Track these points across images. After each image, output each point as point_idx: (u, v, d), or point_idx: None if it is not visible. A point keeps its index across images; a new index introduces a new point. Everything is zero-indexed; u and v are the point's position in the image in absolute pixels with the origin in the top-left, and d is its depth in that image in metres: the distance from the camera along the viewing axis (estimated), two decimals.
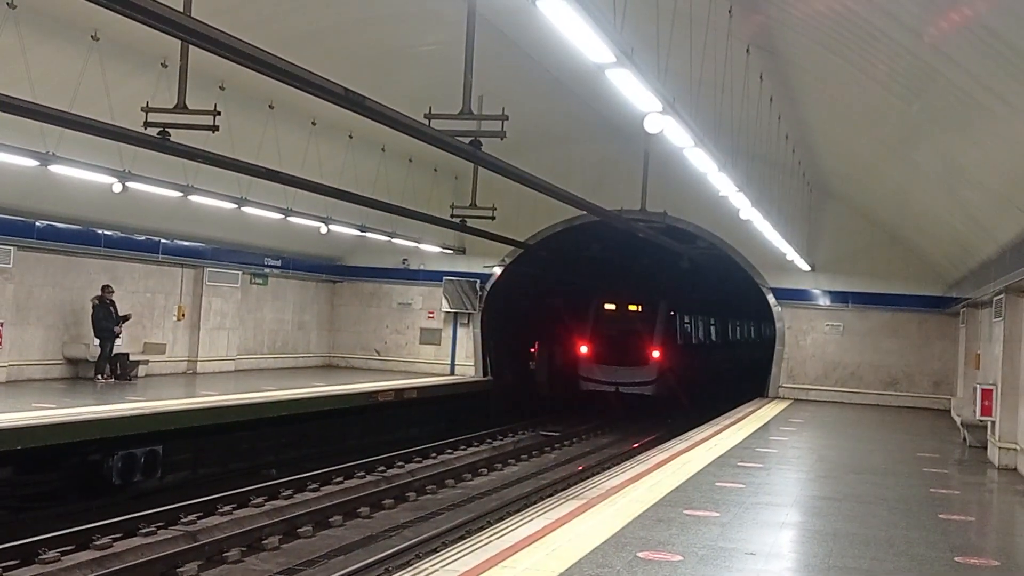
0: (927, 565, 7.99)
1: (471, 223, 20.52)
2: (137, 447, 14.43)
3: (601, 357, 29.10)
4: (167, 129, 11.85)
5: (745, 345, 41.18)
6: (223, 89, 15.46)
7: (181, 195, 16.31)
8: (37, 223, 17.49)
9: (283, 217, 19.03)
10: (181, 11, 7.44)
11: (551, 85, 18.27)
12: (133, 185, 15.18)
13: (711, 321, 36.26)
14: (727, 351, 38.56)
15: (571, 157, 24.21)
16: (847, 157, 19.76)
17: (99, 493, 14.00)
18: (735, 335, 40.75)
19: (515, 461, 20.68)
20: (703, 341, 35.00)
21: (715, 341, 36.98)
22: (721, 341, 37.86)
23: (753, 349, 38.27)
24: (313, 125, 18.67)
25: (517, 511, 12.54)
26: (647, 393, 28.99)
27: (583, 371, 29.41)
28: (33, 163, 13.40)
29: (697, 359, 33.14)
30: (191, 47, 11.03)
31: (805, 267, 23.87)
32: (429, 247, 24.96)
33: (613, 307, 29.90)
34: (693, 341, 33.35)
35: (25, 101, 10.23)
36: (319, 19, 15.15)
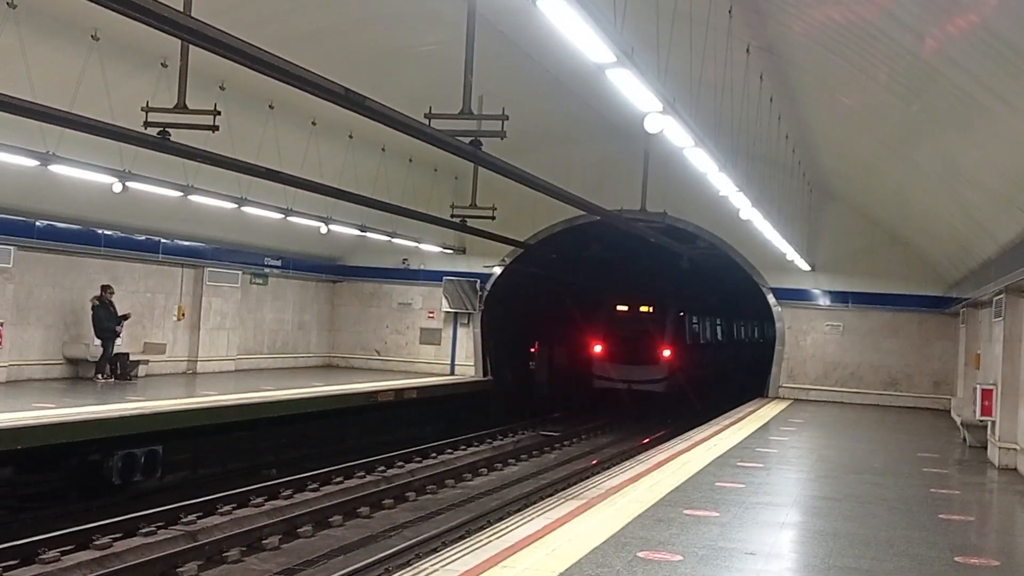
0: (927, 565, 7.99)
1: (471, 223, 20.52)
2: (137, 447, 14.42)
3: (614, 357, 29.84)
4: (167, 129, 11.87)
5: (749, 345, 41.50)
6: (223, 89, 15.47)
7: (181, 195, 16.31)
8: (37, 223, 17.49)
9: (283, 217, 19.02)
10: (181, 11, 7.44)
11: (551, 85, 18.27)
12: (133, 185, 15.18)
13: (717, 321, 36.97)
14: (732, 350, 39.13)
15: (571, 157, 24.19)
16: (847, 157, 19.75)
17: (99, 493, 13.99)
18: (740, 335, 41.38)
19: (515, 461, 20.68)
20: (710, 341, 35.68)
21: (721, 341, 37.68)
22: (726, 341, 38.59)
23: (757, 349, 38.49)
24: (313, 125, 18.67)
25: (517, 511, 12.53)
26: (658, 391, 29.66)
27: (596, 370, 30.12)
28: (33, 163, 13.40)
29: (704, 358, 33.87)
30: (191, 47, 11.04)
31: (805, 267, 23.86)
32: (429, 247, 24.95)
33: (625, 308, 30.75)
34: (700, 341, 34.04)
35: (25, 101, 10.24)
36: (319, 19, 15.15)
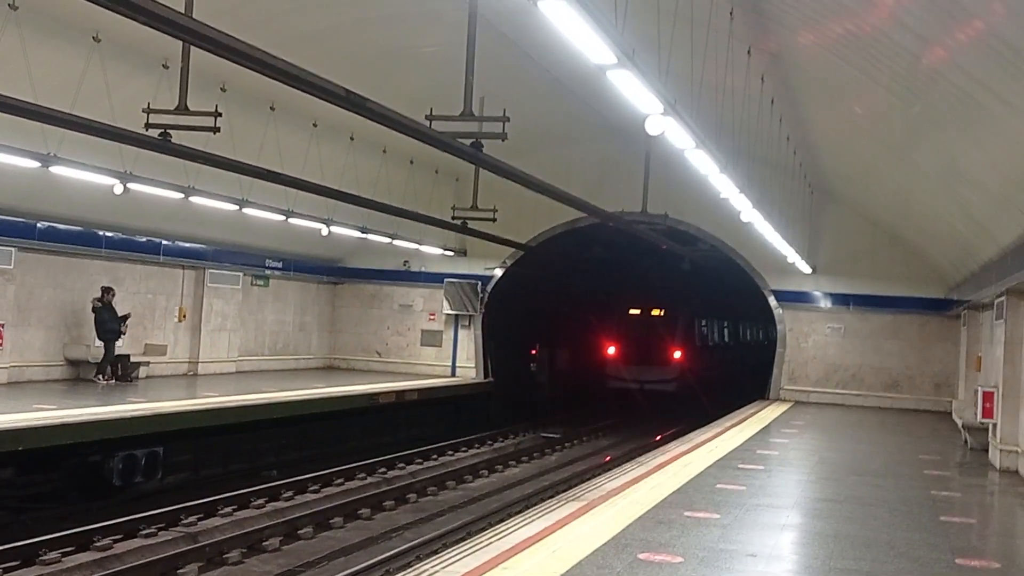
0: (928, 567, 7.98)
1: (472, 225, 20.53)
2: (138, 448, 14.42)
3: (627, 358, 30.99)
4: (168, 130, 11.88)
5: (754, 346, 41.96)
6: (224, 90, 15.48)
7: (182, 196, 16.30)
8: (38, 224, 17.50)
9: (284, 219, 19.01)
10: (182, 12, 7.45)
11: (552, 86, 18.27)
12: (134, 186, 15.17)
13: (724, 324, 37.98)
14: (738, 352, 40.00)
15: (572, 158, 24.19)
16: (848, 159, 19.74)
17: (100, 494, 13.99)
18: (745, 336, 42.27)
19: (516, 463, 20.67)
20: (717, 343, 36.73)
21: (727, 343, 38.68)
22: (733, 343, 39.62)
23: (761, 350, 38.98)
24: (314, 126, 18.67)
25: (518, 512, 12.53)
26: (669, 390, 30.62)
27: (610, 370, 31.25)
28: (34, 164, 13.39)
29: (712, 359, 34.82)
30: (192, 48, 11.05)
31: (806, 269, 23.85)
32: (430, 249, 24.94)
33: (638, 312, 31.99)
34: (709, 343, 35.13)
35: (26, 102, 10.26)
36: (320, 20, 15.16)
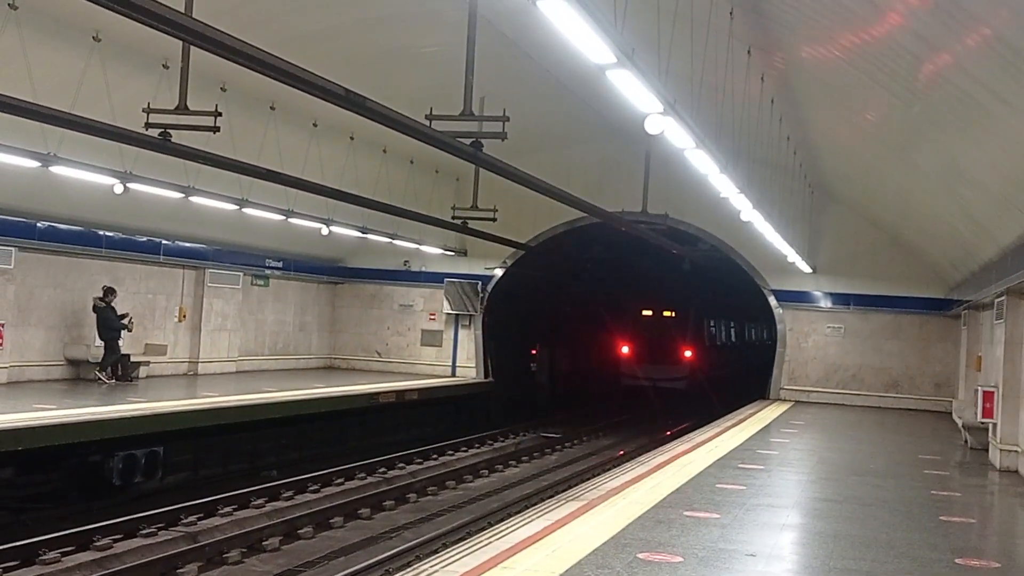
0: (928, 567, 7.98)
1: (472, 225, 20.53)
2: (138, 448, 14.41)
3: (640, 357, 32.59)
4: (168, 130, 11.88)
5: (759, 346, 42.45)
6: (224, 90, 15.47)
7: (182, 196, 16.30)
8: (38, 224, 17.49)
9: (284, 218, 19.01)
10: (182, 12, 7.45)
11: (552, 86, 18.27)
12: (134, 186, 15.17)
13: (730, 324, 39.37)
14: (744, 351, 40.95)
15: (572, 158, 24.19)
16: (848, 159, 19.74)
17: (99, 494, 13.98)
18: (751, 336, 43.23)
19: (516, 463, 20.67)
20: (725, 342, 38.34)
21: (734, 342, 40.11)
22: (739, 342, 40.97)
23: (766, 350, 39.66)
24: (314, 126, 18.67)
25: (517, 512, 12.52)
26: (680, 388, 32.16)
27: (624, 369, 32.94)
28: (34, 164, 13.39)
29: (720, 359, 36.26)
30: (192, 48, 11.05)
31: (806, 269, 23.85)
32: (430, 249, 24.93)
33: (650, 313, 33.68)
34: (717, 343, 36.78)
35: (26, 102, 10.26)
36: (320, 20, 15.16)
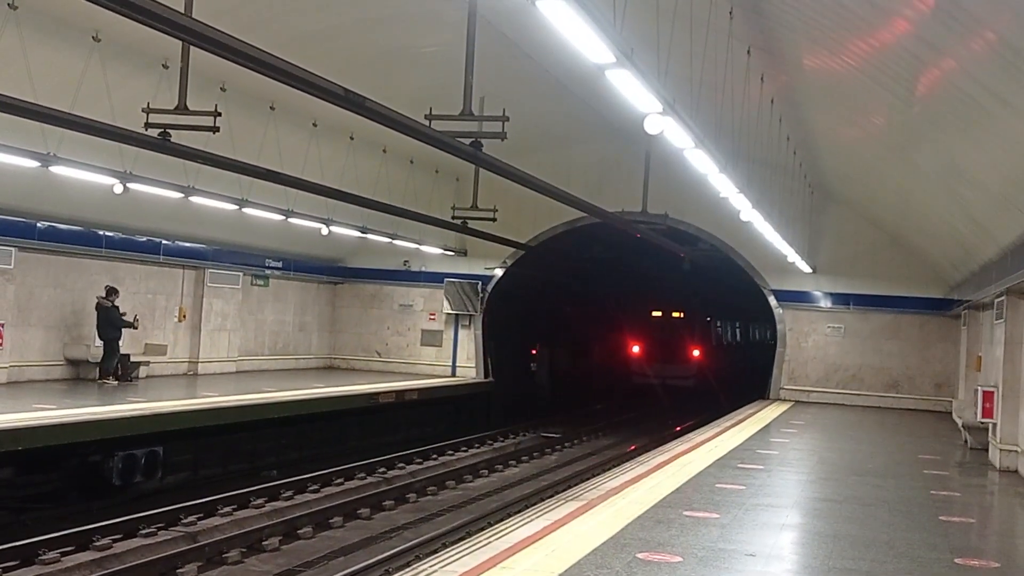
0: (927, 567, 7.98)
1: (472, 224, 20.52)
2: (137, 448, 14.41)
3: (650, 356, 34.26)
4: (168, 130, 11.88)
5: (763, 345, 42.76)
6: (224, 90, 15.47)
7: (182, 196, 16.30)
8: (38, 224, 17.49)
9: (284, 218, 19.01)
10: (182, 12, 7.45)
11: (552, 86, 18.27)
12: (134, 186, 15.17)
13: (735, 324, 40.82)
14: (748, 351, 41.75)
15: (572, 158, 24.18)
16: (848, 159, 19.75)
17: (99, 494, 13.98)
18: (755, 336, 44.01)
19: (515, 462, 20.67)
20: (730, 342, 39.97)
21: (739, 342, 41.52)
22: (743, 342, 42.30)
23: (769, 349, 40.20)
24: (314, 126, 18.67)
25: (517, 512, 12.52)
26: (688, 385, 33.77)
27: (634, 368, 34.61)
28: (34, 164, 13.39)
29: (726, 357, 37.64)
30: (192, 48, 11.05)
31: (806, 269, 23.85)
32: (430, 249, 24.93)
33: (660, 314, 35.27)
34: (723, 343, 38.41)
35: (26, 102, 10.26)
36: (320, 20, 15.16)
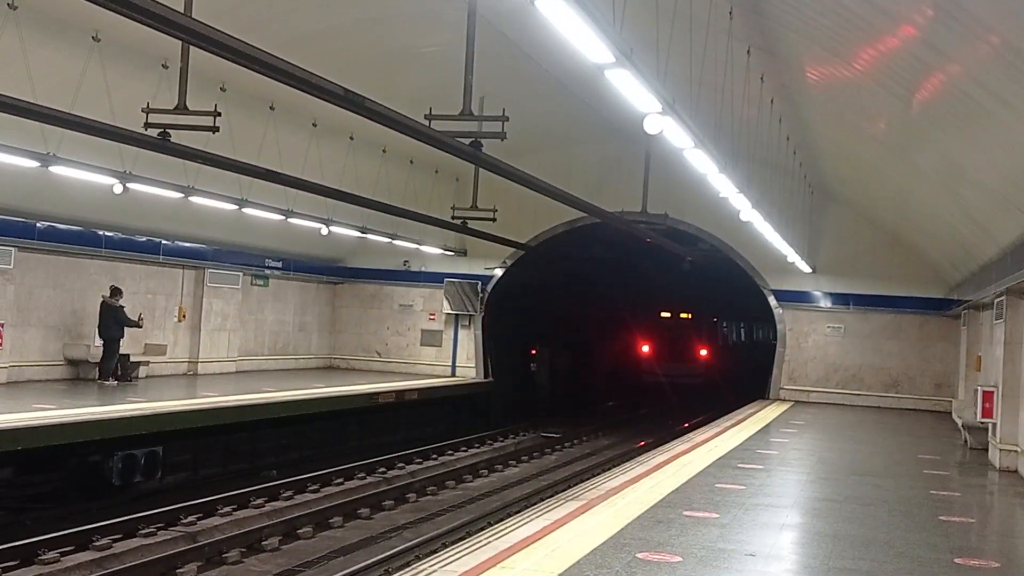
0: (927, 567, 7.98)
1: (472, 224, 20.53)
2: (137, 448, 14.42)
3: (660, 356, 35.70)
4: (168, 130, 11.88)
5: (766, 344, 43.05)
6: (224, 90, 15.47)
7: (182, 196, 16.30)
8: (38, 224, 17.49)
9: (284, 218, 19.01)
10: (182, 12, 7.45)
11: (552, 86, 18.27)
12: (134, 186, 15.17)
13: (740, 324, 42.01)
14: (752, 350, 42.22)
15: (572, 158, 24.19)
16: (848, 159, 19.75)
17: (99, 494, 13.99)
18: (759, 336, 44.46)
19: (515, 462, 20.67)
20: (736, 341, 41.24)
21: (744, 341, 42.66)
22: (748, 342, 43.30)
23: (771, 348, 40.72)
24: (314, 126, 18.67)
25: (517, 512, 12.52)
26: (697, 384, 34.99)
27: (645, 366, 36.10)
28: (34, 164, 13.39)
29: (732, 356, 38.76)
30: (192, 48, 11.06)
31: (806, 269, 23.85)
32: (430, 249, 24.94)
33: (668, 315, 36.66)
34: (729, 342, 39.72)
35: (26, 102, 10.27)
36: (320, 20, 15.16)
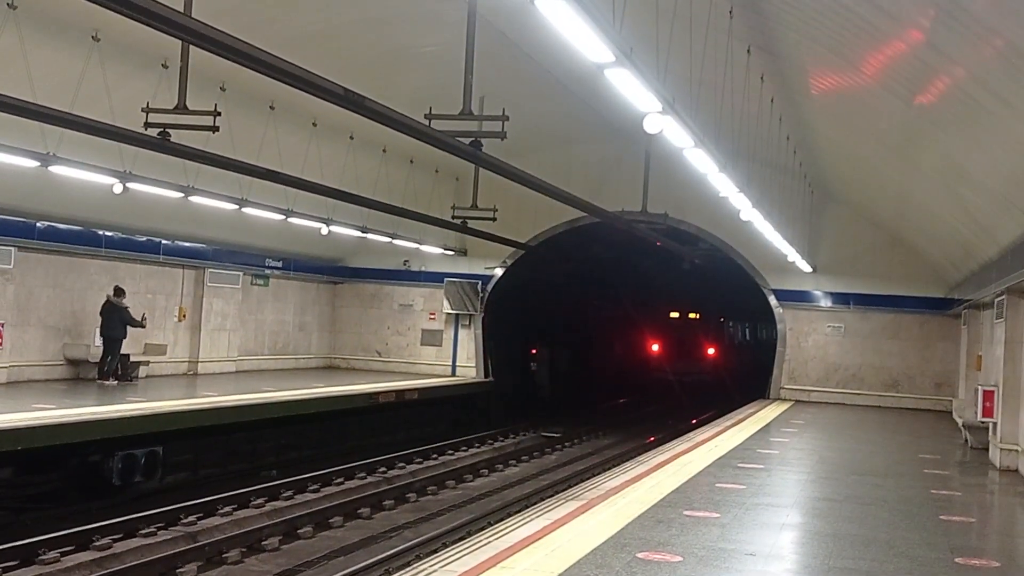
0: (927, 566, 7.97)
1: (472, 224, 20.51)
2: (137, 448, 14.41)
3: (669, 354, 37.49)
4: (167, 130, 11.87)
5: (769, 343, 43.47)
6: (224, 90, 15.46)
7: (182, 196, 16.30)
8: (38, 224, 17.49)
9: (284, 218, 19.01)
10: (182, 12, 7.44)
11: (552, 86, 18.26)
12: (134, 186, 15.17)
13: (745, 324, 43.33)
14: (756, 350, 42.92)
15: (572, 158, 24.18)
16: (848, 158, 19.74)
17: (99, 494, 13.98)
18: (763, 335, 45.20)
19: (516, 462, 20.67)
20: (741, 341, 42.81)
21: (749, 341, 43.93)
22: (752, 341, 44.46)
23: (774, 348, 41.32)
24: (314, 126, 18.66)
25: (517, 512, 12.52)
26: (704, 381, 36.38)
27: (654, 364, 37.80)
28: (34, 164, 13.39)
29: (737, 355, 40.20)
30: (192, 48, 11.05)
31: (806, 268, 23.85)
32: (430, 248, 24.93)
33: (677, 315, 38.42)
34: (735, 342, 41.39)
35: (26, 102, 10.26)
36: (320, 20, 15.15)
